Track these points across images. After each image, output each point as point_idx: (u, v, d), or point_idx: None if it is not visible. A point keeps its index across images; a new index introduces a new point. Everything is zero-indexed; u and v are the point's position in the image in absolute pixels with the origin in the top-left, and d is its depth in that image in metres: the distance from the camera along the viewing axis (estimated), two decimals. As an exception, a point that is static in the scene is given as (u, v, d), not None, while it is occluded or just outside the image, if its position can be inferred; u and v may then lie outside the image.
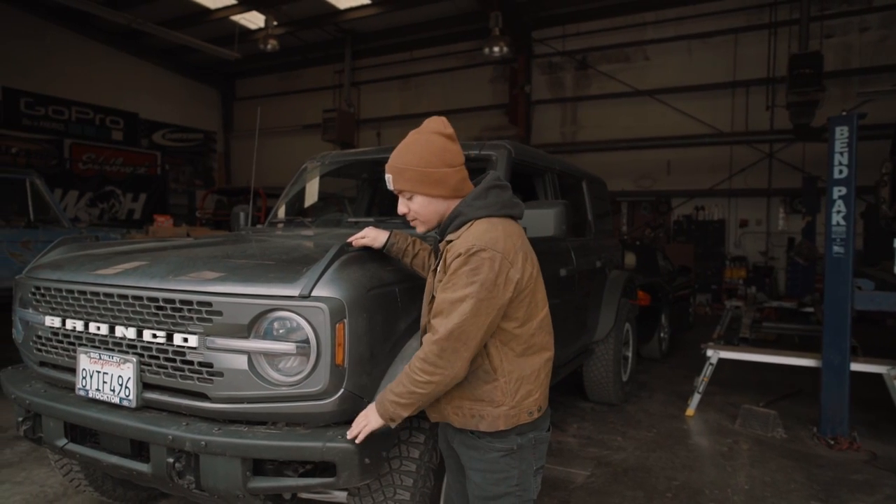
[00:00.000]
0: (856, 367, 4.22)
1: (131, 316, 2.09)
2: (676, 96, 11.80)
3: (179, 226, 9.81)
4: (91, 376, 2.15)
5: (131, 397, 2.07)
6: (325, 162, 3.85)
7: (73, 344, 2.25)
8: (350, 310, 1.88)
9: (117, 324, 2.12)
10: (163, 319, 2.03)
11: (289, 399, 1.90)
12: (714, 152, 11.63)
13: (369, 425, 1.71)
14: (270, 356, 1.93)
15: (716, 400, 5.18)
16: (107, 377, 2.11)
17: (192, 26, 13.07)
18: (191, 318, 1.97)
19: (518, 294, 1.62)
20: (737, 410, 4.89)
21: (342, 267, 1.96)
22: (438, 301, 1.61)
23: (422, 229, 1.80)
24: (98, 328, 2.17)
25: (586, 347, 4.51)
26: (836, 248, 4.15)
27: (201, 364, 1.96)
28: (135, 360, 2.06)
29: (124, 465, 2.10)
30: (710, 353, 4.87)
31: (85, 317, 2.21)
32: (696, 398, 4.85)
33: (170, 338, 2.01)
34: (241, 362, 1.91)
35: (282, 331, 1.91)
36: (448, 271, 1.61)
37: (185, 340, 1.97)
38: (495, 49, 10.81)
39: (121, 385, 2.09)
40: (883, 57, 10.32)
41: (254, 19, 13.02)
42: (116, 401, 2.09)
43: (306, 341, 1.87)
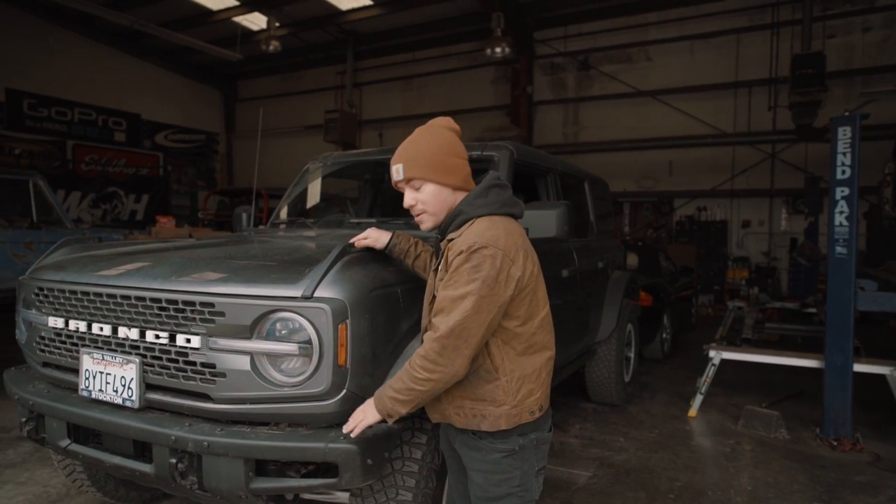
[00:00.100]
0: (859, 367, 4.21)
1: (134, 317, 2.09)
2: (679, 97, 11.79)
3: (182, 227, 9.82)
4: (94, 377, 2.15)
5: (134, 398, 2.07)
6: (327, 163, 3.86)
7: (76, 345, 2.26)
8: (352, 310, 1.88)
9: (120, 324, 2.13)
10: (165, 320, 2.03)
11: (291, 400, 1.91)
12: (716, 153, 11.62)
13: (366, 420, 1.70)
14: (273, 357, 1.93)
15: (718, 401, 5.18)
16: (110, 378, 2.12)
17: (194, 27, 13.11)
18: (193, 319, 1.98)
19: (519, 292, 1.62)
20: (739, 411, 4.88)
21: (344, 268, 1.96)
22: (440, 299, 1.61)
23: (429, 223, 1.76)
24: (101, 329, 2.18)
25: (588, 348, 4.51)
26: (839, 249, 4.14)
27: (204, 365, 1.96)
28: (138, 360, 2.07)
29: (127, 465, 2.11)
30: (712, 353, 4.86)
31: (88, 317, 2.22)
32: (698, 399, 4.84)
33: (172, 338, 2.01)
34: (244, 363, 1.92)
35: (284, 331, 1.92)
36: (450, 269, 1.61)
37: (188, 341, 1.98)
38: (497, 50, 10.82)
39: (124, 386, 2.09)
40: (886, 57, 10.29)
41: (256, 20, 13.05)
42: (119, 401, 2.10)
43: (309, 342, 1.87)
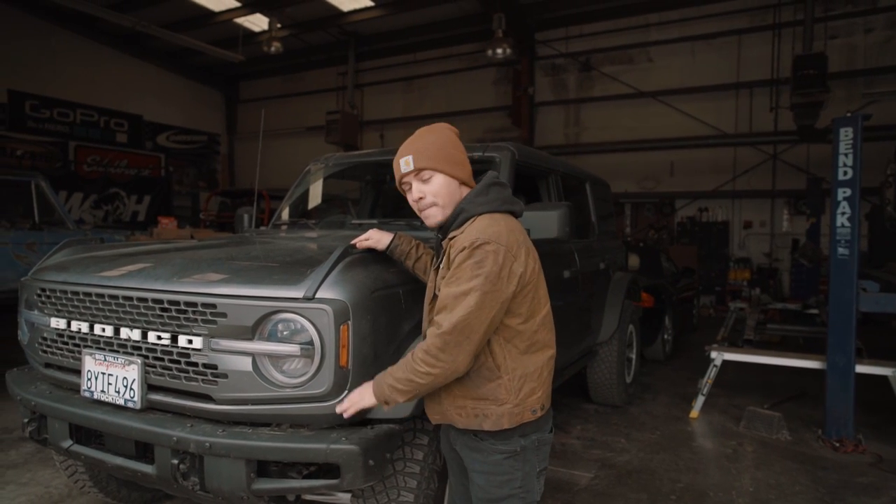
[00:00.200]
0: (861, 368, 4.21)
1: (136, 318, 2.10)
2: (680, 98, 11.78)
3: (183, 228, 9.82)
4: (96, 378, 2.16)
5: (136, 399, 2.08)
6: (328, 164, 3.86)
7: (78, 345, 2.26)
8: (354, 312, 1.88)
9: (122, 325, 2.13)
10: (167, 321, 2.03)
11: (293, 401, 1.91)
12: (718, 154, 11.60)
13: (362, 402, 1.70)
14: (275, 358, 1.93)
15: (720, 402, 5.17)
16: (112, 379, 2.12)
17: (196, 29, 13.12)
18: (195, 320, 1.98)
19: (521, 289, 1.62)
20: (741, 412, 4.87)
21: (346, 269, 1.97)
22: (442, 296, 1.60)
23: (438, 216, 1.74)
24: (103, 330, 2.18)
25: (590, 349, 4.51)
26: (841, 250, 4.13)
27: (206, 366, 1.96)
28: (139, 361, 2.07)
29: (129, 466, 2.11)
30: (714, 354, 4.86)
31: (90, 318, 2.22)
32: (700, 400, 4.84)
33: (174, 339, 2.01)
34: (246, 364, 1.92)
35: (286, 332, 1.92)
36: (452, 266, 1.61)
37: (190, 342, 1.98)
38: (498, 51, 10.82)
39: (126, 386, 2.09)
40: (887, 58, 10.27)
41: (257, 22, 13.06)
42: (121, 402, 2.10)
43: (310, 343, 1.87)
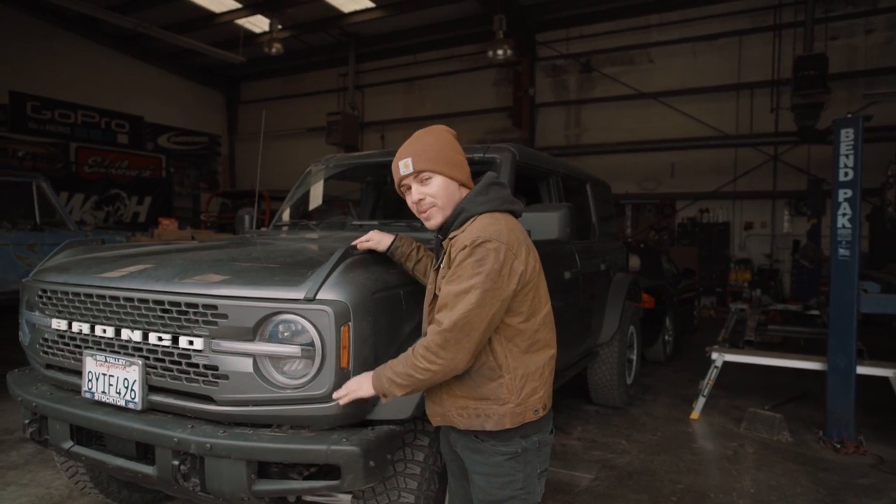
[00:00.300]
0: (862, 370, 4.20)
1: (137, 319, 2.10)
2: (681, 99, 11.78)
3: (184, 229, 9.82)
4: (97, 379, 2.16)
5: (137, 400, 2.08)
6: (329, 165, 3.86)
7: (79, 346, 2.26)
8: (355, 313, 1.89)
9: (123, 326, 2.13)
10: (168, 322, 2.04)
11: (294, 402, 1.91)
12: (718, 155, 11.60)
13: (359, 392, 1.71)
14: (275, 359, 1.93)
15: (721, 403, 5.17)
16: (113, 380, 2.12)
17: (197, 30, 13.13)
18: (196, 321, 1.98)
19: (522, 287, 1.62)
20: (742, 414, 4.87)
21: (347, 270, 1.97)
22: (443, 295, 1.61)
23: (438, 218, 1.74)
24: (104, 331, 2.18)
25: (591, 350, 4.50)
26: (842, 251, 4.13)
27: (206, 367, 1.97)
28: (140, 362, 2.07)
29: (130, 467, 2.11)
30: (714, 356, 4.85)
31: (91, 319, 2.22)
32: (700, 401, 4.83)
33: (175, 340, 2.02)
34: (247, 365, 1.92)
35: (287, 334, 1.92)
36: (453, 264, 1.62)
37: (191, 343, 1.98)
38: (499, 52, 10.83)
39: (126, 387, 2.09)
40: (888, 59, 10.27)
41: (258, 23, 13.08)
42: (122, 403, 2.10)
43: (311, 344, 1.87)
